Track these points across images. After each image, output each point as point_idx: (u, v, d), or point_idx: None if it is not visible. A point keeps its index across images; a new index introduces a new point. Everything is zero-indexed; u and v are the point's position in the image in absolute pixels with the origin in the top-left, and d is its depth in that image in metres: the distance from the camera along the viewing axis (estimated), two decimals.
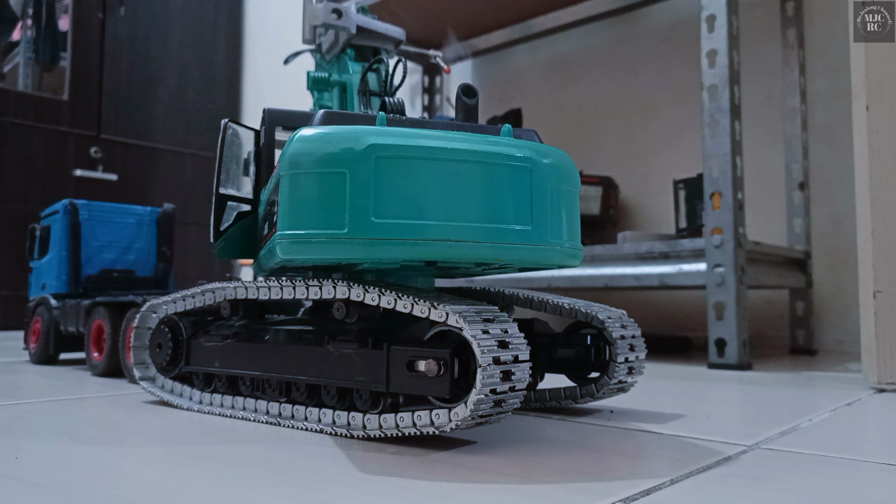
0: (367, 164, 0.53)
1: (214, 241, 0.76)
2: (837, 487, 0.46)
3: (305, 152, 0.55)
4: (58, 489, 0.45)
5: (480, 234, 0.55)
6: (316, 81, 0.91)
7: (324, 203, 0.54)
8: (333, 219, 0.53)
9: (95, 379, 1.07)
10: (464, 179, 0.55)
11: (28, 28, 2.82)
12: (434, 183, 0.54)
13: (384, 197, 0.53)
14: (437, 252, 0.54)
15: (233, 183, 0.77)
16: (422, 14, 2.07)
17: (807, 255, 1.67)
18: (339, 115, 0.58)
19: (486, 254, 0.55)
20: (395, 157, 0.54)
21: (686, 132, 1.88)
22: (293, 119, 0.78)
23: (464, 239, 0.54)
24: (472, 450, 0.56)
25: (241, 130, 0.79)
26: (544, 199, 0.58)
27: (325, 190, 0.54)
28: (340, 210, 0.53)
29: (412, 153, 0.54)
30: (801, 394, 0.95)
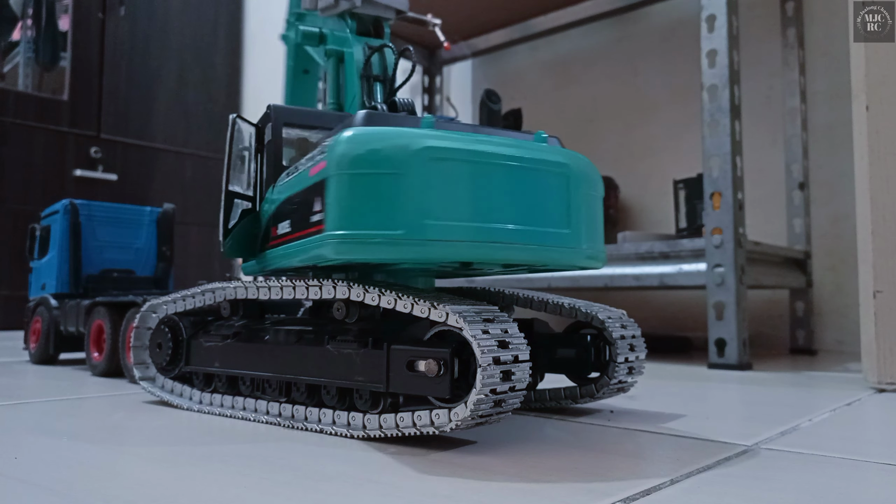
0: (421, 167, 0.54)
1: (224, 240, 0.75)
2: (837, 487, 0.46)
3: (358, 153, 0.54)
4: (58, 489, 0.45)
5: (527, 238, 0.57)
6: (307, 36, 0.88)
7: (378, 204, 0.54)
8: (388, 220, 0.54)
9: (95, 379, 1.07)
10: (510, 183, 0.56)
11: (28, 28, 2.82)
12: (483, 186, 0.55)
13: (437, 199, 0.54)
14: (486, 254, 0.55)
15: (240, 180, 0.76)
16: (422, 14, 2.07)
17: (807, 255, 1.67)
18: (380, 115, 0.58)
19: (533, 257, 0.57)
20: (448, 160, 0.54)
21: (686, 132, 1.88)
22: (302, 117, 0.76)
23: (511, 241, 0.56)
24: (472, 450, 0.56)
25: (247, 127, 0.79)
26: (579, 204, 0.60)
27: (379, 191, 0.54)
28: (396, 211, 0.53)
29: (463, 157, 0.55)
30: (801, 394, 0.95)
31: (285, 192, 0.68)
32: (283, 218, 0.68)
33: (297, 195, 0.64)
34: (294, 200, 0.64)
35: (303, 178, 0.62)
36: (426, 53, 2.38)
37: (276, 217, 0.70)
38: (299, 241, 0.61)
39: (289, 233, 0.65)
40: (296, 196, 0.64)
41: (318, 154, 0.59)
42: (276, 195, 0.72)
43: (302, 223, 0.61)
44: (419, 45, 2.34)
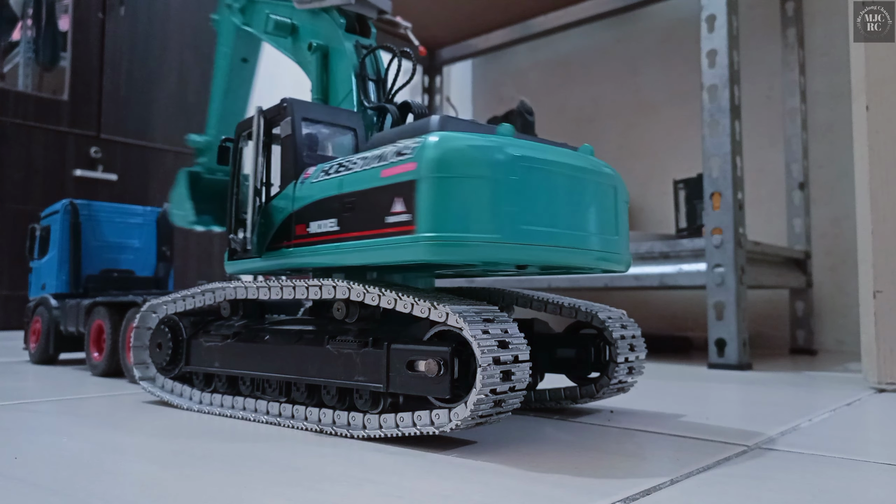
0: (514, 174, 0.56)
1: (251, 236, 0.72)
2: (837, 487, 0.46)
3: (454, 157, 0.56)
4: (58, 489, 0.45)
5: (591, 243, 0.61)
6: (278, 27, 0.87)
7: (476, 208, 0.55)
8: (487, 223, 0.55)
9: (95, 379, 1.07)
10: (578, 193, 0.60)
11: (28, 28, 2.82)
12: (559, 195, 0.59)
13: (525, 205, 0.57)
14: (563, 258, 0.59)
15: None
16: (422, 14, 2.07)
17: (807, 255, 1.67)
18: (456, 120, 0.59)
19: (594, 262, 0.62)
20: (534, 169, 0.57)
21: (686, 132, 1.88)
22: (317, 112, 0.75)
23: (581, 247, 0.60)
24: (472, 450, 0.56)
25: None
26: (622, 212, 0.66)
27: (476, 195, 0.55)
28: (492, 216, 0.55)
29: (545, 166, 0.58)
30: (801, 394, 0.95)
31: (326, 190, 0.66)
32: (323, 216, 0.66)
33: (353, 194, 0.62)
34: (347, 199, 0.63)
35: (366, 178, 0.61)
36: (426, 53, 2.38)
37: (306, 215, 0.68)
38: (367, 240, 0.60)
39: (337, 231, 0.64)
40: (351, 195, 0.62)
41: (394, 155, 0.59)
42: (304, 193, 0.69)
43: (369, 223, 0.60)
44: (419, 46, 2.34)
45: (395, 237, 0.57)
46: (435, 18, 2.11)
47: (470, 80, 2.46)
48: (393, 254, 0.58)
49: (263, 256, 0.73)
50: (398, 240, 0.57)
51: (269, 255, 0.72)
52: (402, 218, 0.57)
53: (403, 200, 0.57)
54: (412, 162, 0.57)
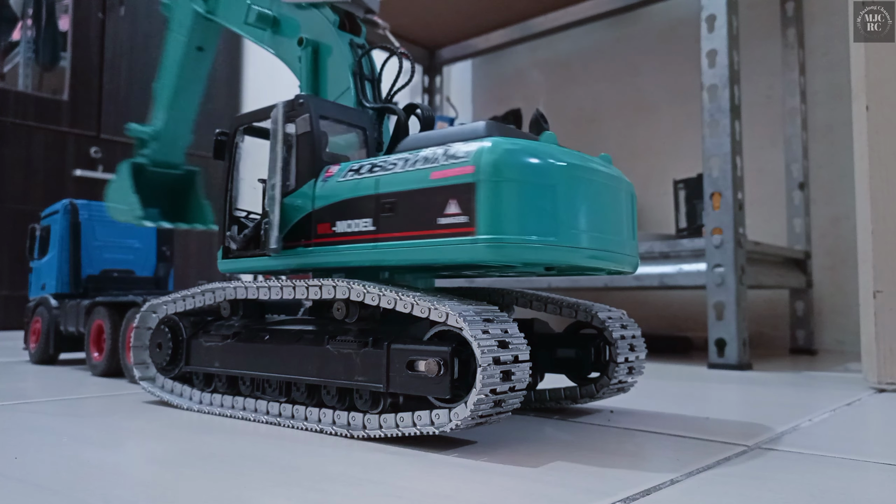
0: (566, 180, 0.59)
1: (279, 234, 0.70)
2: (837, 487, 0.46)
3: (515, 163, 0.57)
4: (58, 489, 0.45)
5: (620, 247, 0.65)
6: (260, 18, 0.85)
7: (536, 212, 0.57)
8: (543, 227, 0.58)
9: (95, 379, 1.07)
10: (609, 200, 0.64)
11: (28, 28, 2.82)
12: (596, 201, 0.62)
13: (573, 210, 0.59)
14: (602, 262, 0.63)
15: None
16: (421, 14, 2.07)
17: (807, 255, 1.67)
18: (501, 126, 0.61)
19: (621, 264, 0.65)
20: (580, 177, 0.60)
21: (686, 132, 1.88)
22: (332, 110, 0.74)
23: (614, 251, 0.63)
24: (472, 450, 0.56)
25: None
26: (635, 217, 0.69)
27: (535, 200, 0.57)
28: (550, 219, 0.58)
29: (587, 174, 0.61)
30: (801, 394, 0.95)
31: (358, 190, 0.65)
32: (353, 215, 0.66)
33: (394, 195, 0.62)
34: (386, 200, 0.63)
35: (411, 179, 0.61)
36: (426, 53, 2.38)
37: (331, 213, 0.68)
38: (416, 240, 0.61)
39: (373, 231, 0.64)
40: (390, 196, 0.63)
41: (446, 158, 0.60)
42: (327, 191, 0.68)
43: (417, 223, 0.61)
44: (419, 45, 2.34)
45: (451, 238, 0.58)
46: (435, 18, 2.11)
47: (470, 80, 2.46)
48: (449, 254, 0.59)
49: (274, 256, 0.71)
50: (456, 241, 0.58)
51: (283, 254, 0.71)
52: (458, 220, 0.58)
53: (458, 202, 0.58)
54: (469, 165, 0.58)
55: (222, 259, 0.78)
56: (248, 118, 0.79)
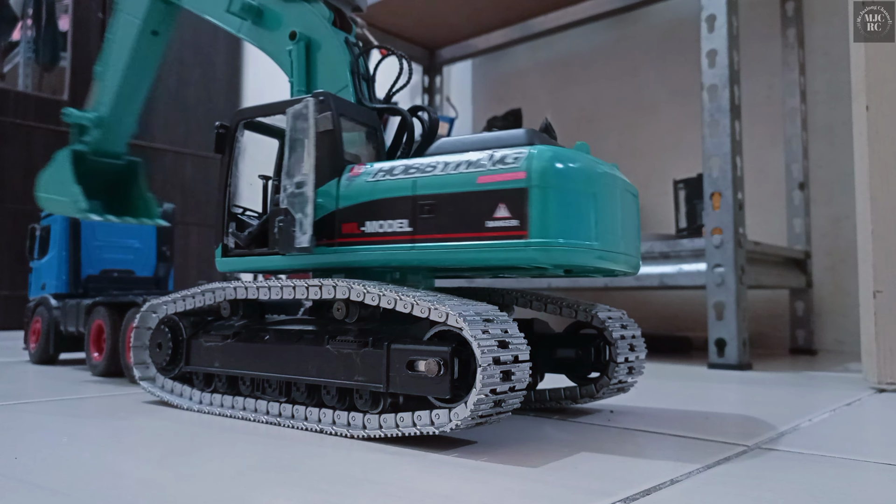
0: (602, 187, 0.63)
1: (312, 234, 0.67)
2: (837, 487, 0.46)
3: (564, 170, 0.60)
4: (58, 489, 0.45)
5: (633, 250, 0.68)
6: (245, 9, 0.83)
7: (580, 217, 0.60)
8: (587, 231, 0.61)
9: (95, 379, 1.07)
10: (625, 205, 0.66)
11: (28, 28, 2.82)
12: (620, 207, 0.65)
13: (607, 216, 0.63)
14: (622, 265, 0.66)
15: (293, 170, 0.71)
16: (421, 14, 2.07)
17: (807, 255, 1.67)
18: (541, 135, 0.64)
19: (633, 266, 0.68)
20: (610, 184, 0.64)
21: (686, 132, 1.88)
22: (349, 108, 0.74)
23: (629, 254, 0.67)
24: (472, 450, 0.56)
25: None
26: (639, 221, 0.71)
27: (582, 206, 0.61)
28: (593, 225, 0.61)
29: (614, 182, 0.65)
30: (801, 394, 0.95)
31: (392, 190, 0.66)
32: (386, 216, 0.66)
33: (433, 197, 0.63)
34: (425, 202, 0.64)
35: (454, 182, 0.62)
36: (426, 53, 2.38)
37: (358, 213, 0.68)
38: (461, 242, 0.62)
39: (410, 232, 0.64)
40: (429, 198, 0.64)
41: (493, 163, 0.61)
42: (354, 191, 0.68)
43: (462, 225, 0.62)
44: (419, 45, 2.34)
45: (501, 240, 0.60)
46: (435, 18, 2.11)
47: (470, 80, 2.46)
48: (498, 255, 0.60)
49: (289, 256, 0.71)
50: (506, 243, 0.60)
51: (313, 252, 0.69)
52: (509, 223, 0.60)
53: (508, 206, 0.60)
54: (521, 171, 0.59)
55: (221, 257, 0.77)
56: (250, 112, 0.77)
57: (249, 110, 0.78)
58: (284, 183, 0.69)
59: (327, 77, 0.79)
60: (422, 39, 2.30)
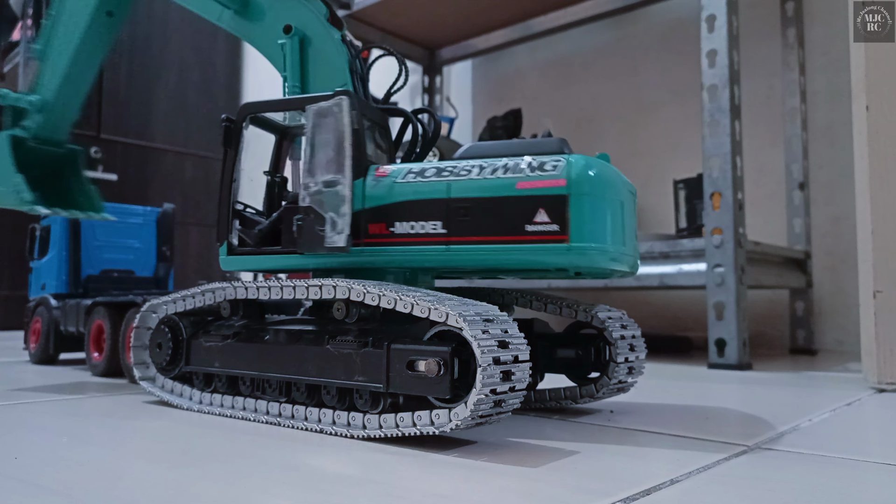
0: (628, 195, 0.67)
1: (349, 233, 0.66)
2: (837, 487, 0.46)
3: (601, 180, 0.63)
4: (58, 489, 0.45)
5: (635, 250, 0.70)
6: None
7: (611, 222, 0.64)
8: (617, 236, 0.65)
9: (95, 379, 1.07)
10: (632, 208, 0.69)
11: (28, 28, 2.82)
12: (632, 211, 0.69)
13: (626, 221, 0.67)
14: (626, 265, 0.68)
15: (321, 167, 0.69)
16: (421, 14, 2.07)
17: (807, 255, 1.67)
18: (567, 143, 0.67)
19: (636, 266, 0.71)
20: (629, 192, 0.68)
21: (686, 132, 1.88)
22: (369, 110, 0.73)
23: (635, 255, 0.70)
24: (472, 450, 0.56)
25: None
26: None
27: (615, 213, 0.64)
28: (620, 231, 0.65)
29: (630, 189, 0.69)
30: (801, 394, 0.95)
31: (425, 192, 0.66)
32: (417, 217, 0.66)
33: (469, 200, 0.65)
34: (460, 204, 0.65)
35: (492, 186, 0.64)
36: (426, 53, 2.38)
37: (386, 214, 0.68)
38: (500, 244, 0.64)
39: (444, 234, 0.65)
40: (464, 201, 0.65)
41: (531, 169, 0.63)
42: (382, 191, 0.68)
43: (500, 229, 0.64)
44: (419, 45, 2.34)
45: (541, 244, 0.62)
46: (435, 18, 2.11)
47: (470, 80, 2.46)
48: (538, 258, 0.63)
49: (307, 255, 0.70)
50: (547, 247, 0.62)
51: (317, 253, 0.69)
52: (549, 227, 0.62)
53: (548, 211, 0.62)
54: (561, 179, 0.62)
55: (227, 256, 0.76)
56: (258, 107, 0.76)
57: (257, 105, 0.76)
58: (306, 181, 0.68)
59: (324, 75, 0.78)
60: (422, 39, 2.30)
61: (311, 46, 0.79)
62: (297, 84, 0.79)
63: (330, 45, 0.78)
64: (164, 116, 3.00)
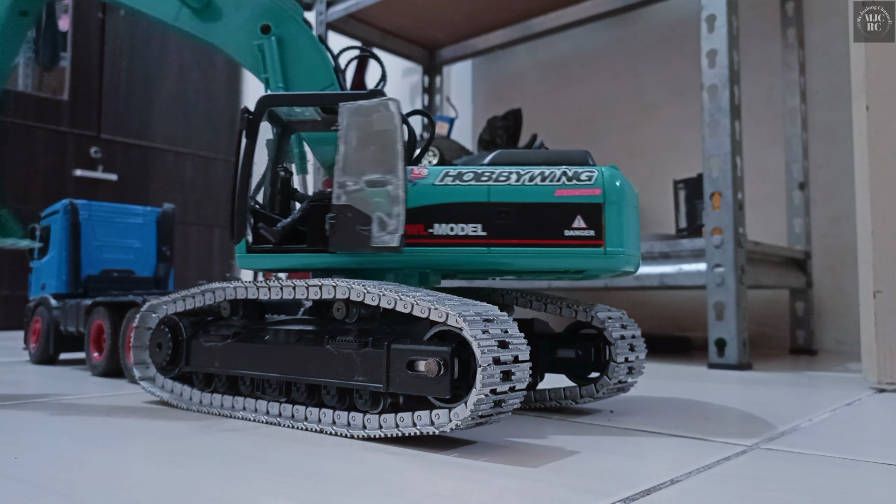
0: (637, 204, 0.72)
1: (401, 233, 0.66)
2: (837, 487, 0.46)
3: (627, 190, 0.68)
4: (58, 489, 0.45)
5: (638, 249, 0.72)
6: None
7: (633, 228, 0.69)
8: (637, 241, 0.70)
9: (95, 379, 1.07)
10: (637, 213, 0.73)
11: None
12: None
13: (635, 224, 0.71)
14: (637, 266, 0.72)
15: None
16: (421, 14, 2.07)
17: (807, 255, 1.67)
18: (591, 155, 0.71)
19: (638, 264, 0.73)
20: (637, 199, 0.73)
21: (686, 132, 1.88)
22: None
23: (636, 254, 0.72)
24: (472, 450, 0.56)
25: None
26: None
27: (634, 219, 0.70)
28: (636, 235, 0.71)
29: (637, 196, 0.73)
30: (801, 394, 0.95)
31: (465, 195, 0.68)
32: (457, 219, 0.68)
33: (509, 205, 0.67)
34: (500, 209, 0.67)
35: (531, 193, 0.67)
36: (426, 53, 2.38)
37: (426, 215, 0.68)
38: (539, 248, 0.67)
39: (485, 237, 0.67)
40: (504, 205, 0.67)
41: (567, 178, 0.67)
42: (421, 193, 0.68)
43: (539, 233, 0.67)
44: (419, 45, 2.34)
45: (578, 248, 0.66)
46: (435, 18, 2.11)
47: (470, 80, 2.46)
48: (576, 262, 0.67)
49: (340, 254, 0.69)
50: (584, 251, 0.67)
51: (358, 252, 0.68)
52: (586, 233, 0.66)
53: (584, 218, 0.66)
54: (597, 188, 0.67)
55: (246, 254, 0.73)
56: (278, 100, 0.73)
57: (279, 97, 0.73)
58: (342, 179, 0.67)
59: (307, 74, 0.77)
60: (422, 39, 2.30)
61: (289, 47, 0.78)
62: (280, 84, 0.78)
63: (310, 44, 0.78)
64: (164, 116, 3.00)
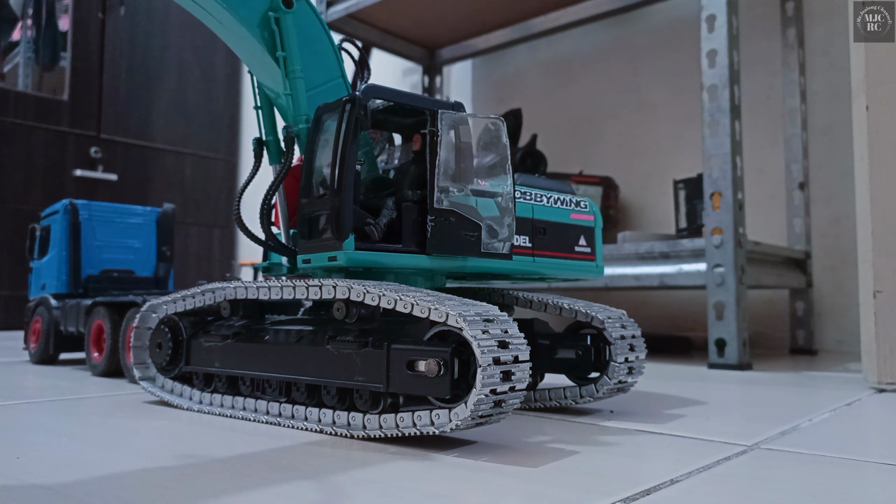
0: None
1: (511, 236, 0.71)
2: (837, 487, 0.46)
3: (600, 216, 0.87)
4: (58, 489, 0.45)
5: None
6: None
7: None
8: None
9: (95, 379, 1.07)
10: None
11: (28, 28, 2.82)
12: None
13: None
14: None
15: None
16: (421, 14, 2.07)
17: (807, 255, 1.67)
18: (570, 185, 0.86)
19: None
20: None
21: (686, 132, 1.88)
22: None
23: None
24: (472, 450, 0.56)
25: None
26: None
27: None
28: None
29: None
30: (801, 394, 0.95)
31: (520, 211, 0.76)
32: (520, 232, 0.77)
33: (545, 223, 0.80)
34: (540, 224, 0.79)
35: (557, 213, 0.81)
36: (426, 53, 2.38)
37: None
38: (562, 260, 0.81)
39: (530, 248, 0.78)
40: (542, 223, 0.79)
41: (574, 204, 0.83)
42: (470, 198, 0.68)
43: (562, 247, 0.81)
44: (419, 45, 2.34)
45: (582, 261, 0.83)
46: (435, 18, 2.11)
47: (470, 80, 2.46)
48: (580, 272, 0.83)
49: (437, 256, 0.68)
50: (584, 264, 0.84)
51: (430, 255, 0.68)
52: (585, 249, 0.84)
53: (584, 237, 0.84)
54: (590, 214, 0.85)
55: (354, 250, 0.65)
56: (384, 92, 0.68)
57: (384, 90, 0.69)
58: (444, 184, 0.66)
59: (319, 61, 0.75)
60: (422, 39, 2.30)
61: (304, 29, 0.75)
62: (297, 66, 0.73)
63: (322, 30, 0.77)
64: (164, 116, 3.00)
